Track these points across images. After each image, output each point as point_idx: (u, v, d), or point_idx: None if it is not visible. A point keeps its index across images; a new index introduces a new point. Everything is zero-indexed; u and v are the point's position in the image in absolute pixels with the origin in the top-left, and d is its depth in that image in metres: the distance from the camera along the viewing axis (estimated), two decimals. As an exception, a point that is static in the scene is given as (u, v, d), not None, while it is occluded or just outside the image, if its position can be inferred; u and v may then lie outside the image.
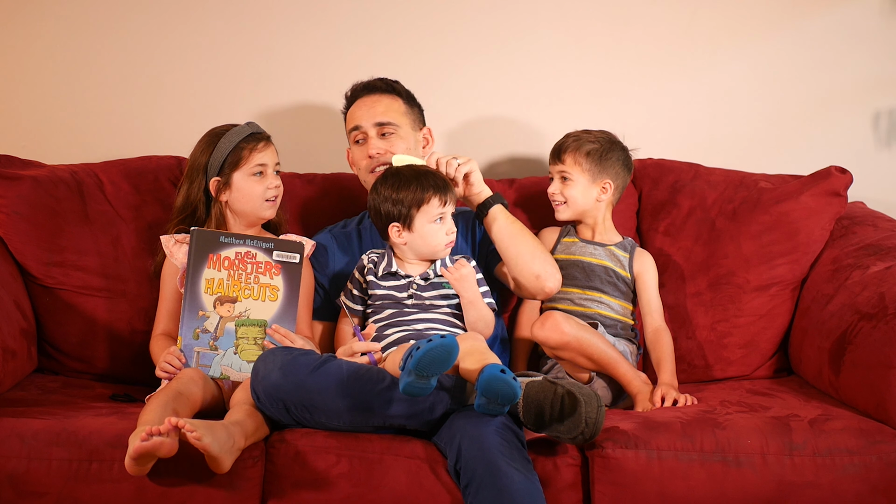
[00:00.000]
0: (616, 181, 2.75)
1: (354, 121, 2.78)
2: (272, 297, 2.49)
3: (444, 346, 2.14)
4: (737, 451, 2.27)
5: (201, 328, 2.48)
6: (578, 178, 2.72)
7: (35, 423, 2.27)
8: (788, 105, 3.21)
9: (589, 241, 2.77)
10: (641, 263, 2.76)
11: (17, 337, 2.58)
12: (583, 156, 2.72)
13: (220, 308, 2.49)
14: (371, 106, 2.78)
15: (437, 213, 2.55)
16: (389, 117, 2.76)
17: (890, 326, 2.40)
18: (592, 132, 2.77)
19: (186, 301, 2.48)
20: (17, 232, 2.73)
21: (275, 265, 2.49)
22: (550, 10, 3.17)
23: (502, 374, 2.17)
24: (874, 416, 2.38)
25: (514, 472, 2.15)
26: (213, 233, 2.50)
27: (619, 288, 2.74)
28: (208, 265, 2.48)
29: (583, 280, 2.73)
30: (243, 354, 2.49)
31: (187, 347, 2.48)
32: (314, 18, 3.16)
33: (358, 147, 2.78)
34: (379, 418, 2.30)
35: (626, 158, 2.78)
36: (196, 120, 3.11)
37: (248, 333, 2.49)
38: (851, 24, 3.17)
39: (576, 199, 2.74)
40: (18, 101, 3.14)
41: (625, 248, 2.77)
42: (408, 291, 2.59)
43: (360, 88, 2.82)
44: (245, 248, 2.49)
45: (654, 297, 2.75)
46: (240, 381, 2.47)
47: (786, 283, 2.82)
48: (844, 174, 2.83)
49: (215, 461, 2.15)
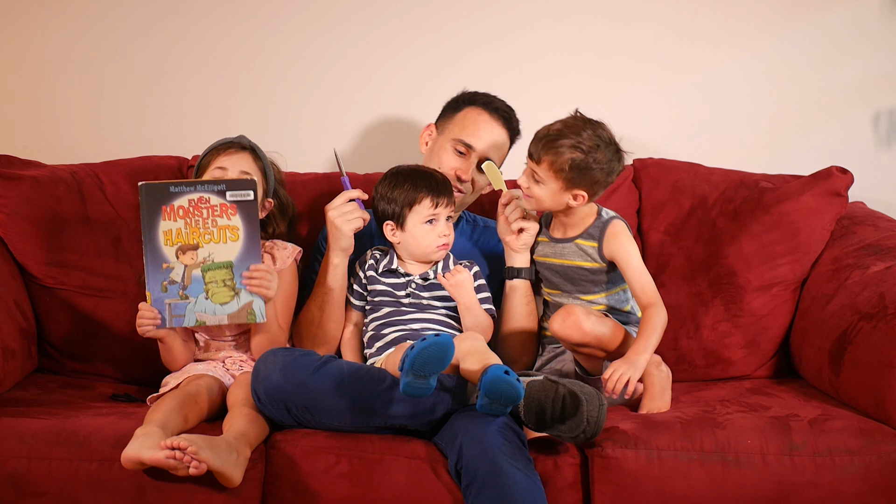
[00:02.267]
0: (592, 190, 2.51)
1: (470, 137, 2.72)
2: (233, 237, 2.48)
3: (439, 344, 2.14)
4: (736, 450, 2.27)
5: (168, 280, 2.47)
6: (549, 183, 2.50)
7: (35, 423, 2.27)
8: (788, 105, 3.21)
9: (558, 240, 2.61)
10: (610, 248, 2.54)
11: (17, 337, 2.58)
12: (561, 165, 2.47)
13: (182, 257, 2.48)
14: (492, 134, 2.73)
15: (428, 213, 2.56)
16: (496, 158, 2.74)
17: (890, 326, 2.40)
18: (584, 128, 2.49)
19: (148, 257, 2.46)
20: (17, 232, 2.73)
21: (230, 206, 2.47)
22: (550, 10, 3.17)
23: (506, 376, 2.16)
24: (874, 416, 2.38)
25: (516, 472, 2.15)
26: (161, 184, 2.47)
27: (597, 281, 2.58)
28: (163, 217, 2.46)
29: (563, 284, 2.61)
30: (215, 298, 2.48)
31: (157, 301, 2.47)
32: (314, 18, 3.16)
33: (453, 155, 2.73)
34: (380, 418, 2.30)
35: (610, 165, 2.50)
36: (196, 120, 3.12)
37: (216, 277, 2.48)
38: (851, 24, 3.17)
39: (542, 199, 2.54)
40: (18, 101, 3.15)
41: (592, 237, 2.56)
42: (406, 290, 2.59)
43: (493, 109, 2.76)
44: (197, 193, 2.47)
45: (634, 277, 2.52)
46: (216, 324, 2.49)
47: (787, 283, 2.82)
48: (845, 174, 2.83)
49: (221, 476, 2.16)
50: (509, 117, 2.77)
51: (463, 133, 2.73)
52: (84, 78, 3.14)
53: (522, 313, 2.65)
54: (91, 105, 3.15)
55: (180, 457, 2.11)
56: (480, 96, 2.79)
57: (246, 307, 2.48)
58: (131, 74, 3.14)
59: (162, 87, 3.15)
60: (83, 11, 3.12)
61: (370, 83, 3.18)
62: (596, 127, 2.51)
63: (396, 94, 3.19)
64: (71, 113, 3.15)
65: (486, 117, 2.75)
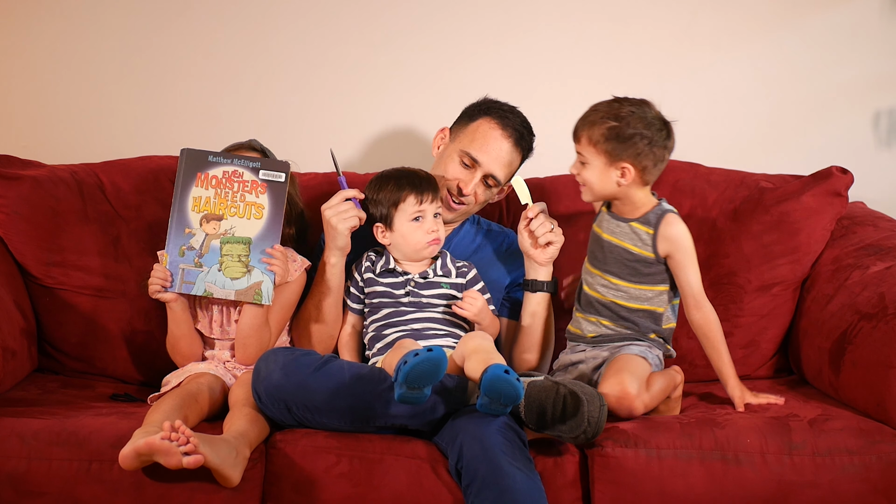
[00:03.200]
0: (638, 162, 2.45)
1: (478, 151, 2.70)
2: (257, 215, 2.51)
3: (431, 360, 2.15)
4: (736, 449, 2.27)
5: (187, 245, 2.50)
6: (593, 160, 2.47)
7: (35, 423, 2.27)
8: (788, 105, 3.21)
9: (615, 216, 2.55)
10: (667, 244, 2.49)
11: (17, 337, 2.58)
12: (598, 136, 2.45)
13: (205, 226, 2.50)
14: (500, 151, 2.70)
15: (413, 211, 2.57)
16: (502, 175, 2.72)
17: (890, 326, 2.40)
18: (623, 104, 2.47)
19: (174, 218, 2.50)
20: (17, 232, 2.73)
21: (261, 184, 2.51)
22: (550, 10, 3.17)
23: (506, 375, 2.16)
24: (874, 416, 2.38)
25: (517, 472, 2.15)
26: (202, 152, 2.52)
27: (638, 271, 2.52)
28: (196, 184, 2.51)
29: (600, 261, 2.56)
30: (227, 272, 2.50)
31: (172, 264, 2.49)
32: (315, 18, 3.16)
33: (459, 167, 2.71)
34: (381, 418, 2.30)
35: (656, 135, 2.45)
36: (196, 120, 3.12)
37: (232, 251, 2.50)
38: (851, 24, 3.17)
39: (592, 183, 2.50)
40: (18, 101, 3.15)
41: (649, 223, 2.51)
42: (405, 289, 2.59)
43: (507, 125, 2.72)
44: (232, 167, 2.52)
45: (684, 282, 2.50)
46: (223, 297, 2.50)
47: (787, 283, 2.82)
48: (845, 174, 2.83)
49: (219, 474, 2.15)
50: (522, 135, 2.73)
51: (472, 146, 2.71)
52: (84, 78, 3.14)
53: (543, 327, 2.67)
54: (91, 105, 3.15)
55: (175, 437, 2.09)
56: (496, 109, 2.75)
57: (255, 286, 2.50)
58: (131, 74, 3.15)
59: (162, 87, 3.15)
60: (83, 12, 3.12)
61: (371, 84, 3.18)
62: (635, 102, 2.49)
63: (398, 95, 3.19)
64: (71, 113, 3.15)
65: (498, 133, 2.72)
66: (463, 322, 2.59)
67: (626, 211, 2.55)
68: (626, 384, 2.37)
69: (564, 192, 2.90)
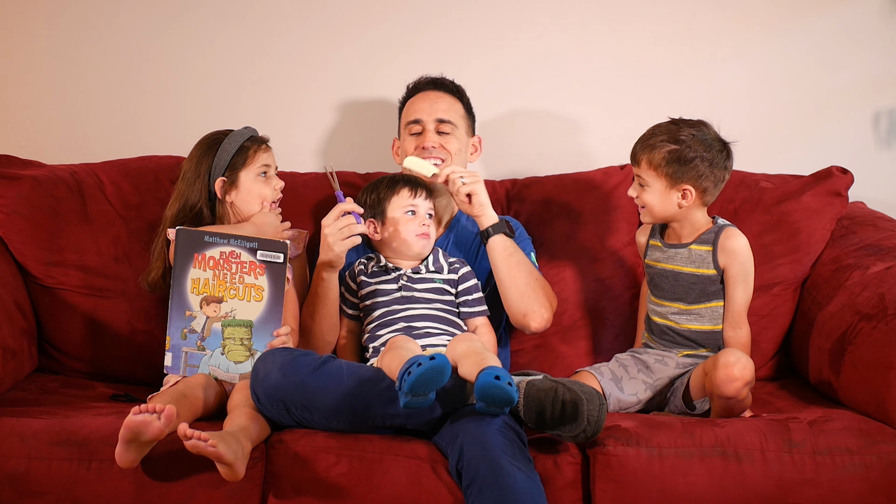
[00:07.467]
0: (699, 184, 2.49)
1: (415, 113, 2.80)
2: (257, 297, 2.48)
3: (435, 367, 2.15)
4: (737, 448, 2.27)
5: (188, 328, 2.48)
6: (654, 183, 2.50)
7: (35, 423, 2.27)
8: (788, 105, 3.21)
9: (671, 245, 2.58)
10: (725, 256, 2.51)
11: (17, 337, 2.58)
12: (659, 159, 2.48)
13: (206, 308, 2.48)
14: (434, 101, 2.80)
15: (407, 203, 2.60)
16: (450, 116, 2.79)
17: (890, 327, 2.40)
18: (682, 127, 2.51)
19: (174, 301, 2.47)
20: (17, 232, 2.73)
21: (259, 265, 2.48)
22: (551, 11, 3.17)
23: (496, 381, 2.16)
24: (874, 416, 2.38)
25: (517, 472, 2.15)
26: (197, 232, 2.49)
27: (706, 290, 2.54)
28: (194, 265, 2.47)
29: (669, 292, 2.57)
30: (230, 355, 2.48)
31: (175, 347, 2.47)
32: (315, 17, 3.16)
33: (412, 139, 2.79)
34: (380, 418, 2.30)
35: (716, 157, 2.49)
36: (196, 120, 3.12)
37: (234, 334, 2.48)
38: (851, 24, 3.17)
39: (653, 205, 2.52)
40: (18, 101, 3.15)
41: (707, 242, 2.53)
42: (398, 283, 2.60)
43: (426, 82, 2.86)
44: (229, 247, 2.47)
45: (731, 297, 2.52)
46: (227, 381, 2.48)
47: (787, 284, 2.82)
48: (846, 174, 2.83)
49: (230, 469, 2.14)
50: (441, 82, 2.85)
51: (409, 115, 2.81)
52: (84, 78, 3.14)
53: (509, 265, 2.62)
54: (91, 105, 3.15)
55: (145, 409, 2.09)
56: (411, 88, 2.88)
57: None
58: (131, 74, 3.14)
59: (162, 87, 3.15)
60: (83, 12, 3.12)
61: (372, 84, 3.18)
62: (694, 123, 2.53)
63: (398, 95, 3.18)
64: (71, 113, 3.15)
65: (419, 95, 2.84)
66: (457, 319, 2.60)
67: (683, 235, 2.57)
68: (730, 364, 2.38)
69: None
